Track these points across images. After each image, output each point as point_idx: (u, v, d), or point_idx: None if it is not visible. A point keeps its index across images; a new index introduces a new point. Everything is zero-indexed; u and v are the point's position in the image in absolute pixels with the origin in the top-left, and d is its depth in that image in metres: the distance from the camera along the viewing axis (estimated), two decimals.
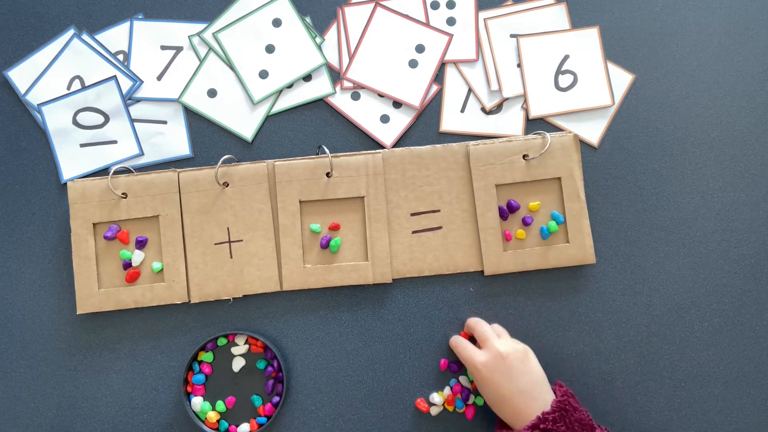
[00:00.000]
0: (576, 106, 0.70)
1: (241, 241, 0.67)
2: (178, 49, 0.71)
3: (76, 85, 0.70)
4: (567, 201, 0.67)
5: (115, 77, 0.70)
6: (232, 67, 0.71)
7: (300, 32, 0.71)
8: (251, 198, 0.67)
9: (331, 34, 0.72)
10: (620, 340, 0.67)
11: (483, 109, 0.71)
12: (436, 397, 0.65)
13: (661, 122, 0.70)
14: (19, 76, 0.71)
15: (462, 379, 0.67)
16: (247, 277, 0.66)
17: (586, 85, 0.70)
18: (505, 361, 0.58)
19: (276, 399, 0.65)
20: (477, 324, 0.64)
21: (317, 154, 0.69)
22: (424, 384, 0.67)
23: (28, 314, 0.68)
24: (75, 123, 0.70)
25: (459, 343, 0.64)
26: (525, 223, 0.67)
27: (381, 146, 0.70)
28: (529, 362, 0.59)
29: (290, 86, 0.71)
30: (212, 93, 0.71)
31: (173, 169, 0.68)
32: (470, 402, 0.66)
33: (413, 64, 0.71)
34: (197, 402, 0.64)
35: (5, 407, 0.67)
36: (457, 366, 0.66)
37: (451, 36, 0.71)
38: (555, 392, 0.59)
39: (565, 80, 0.71)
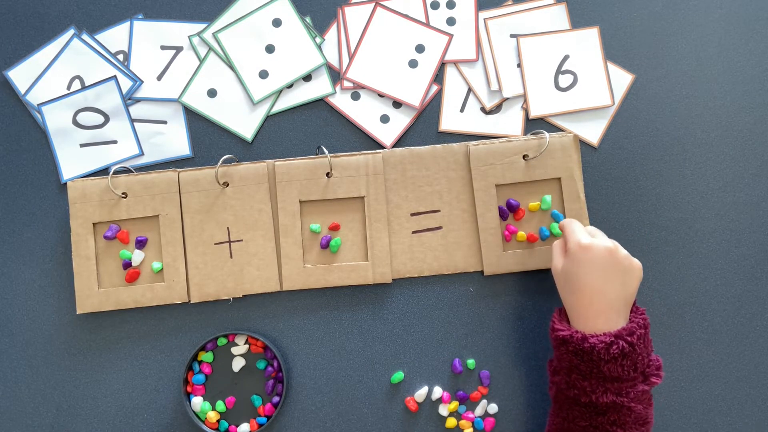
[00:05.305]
0: (576, 106, 0.70)
1: (241, 241, 0.67)
2: (178, 49, 0.71)
3: (76, 85, 0.70)
4: (567, 201, 0.67)
5: (115, 77, 0.70)
6: (232, 67, 0.71)
7: (300, 32, 0.71)
8: (251, 198, 0.67)
9: (331, 34, 0.72)
10: None
11: (483, 109, 0.71)
12: (444, 410, 0.66)
13: (661, 122, 0.70)
14: (19, 76, 0.71)
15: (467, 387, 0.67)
16: (247, 277, 0.66)
17: (586, 85, 0.70)
18: (614, 257, 0.55)
19: (276, 399, 0.65)
20: (574, 222, 0.60)
21: (317, 154, 0.69)
22: (424, 384, 0.67)
23: (28, 314, 0.68)
24: (75, 123, 0.70)
25: (571, 221, 0.60)
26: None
27: (381, 146, 0.70)
28: (634, 278, 0.56)
29: (290, 86, 0.71)
30: (212, 93, 0.71)
31: (173, 169, 0.68)
32: (478, 414, 0.66)
33: (413, 64, 0.71)
34: (197, 402, 0.64)
35: (5, 407, 0.67)
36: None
37: (451, 36, 0.71)
38: (630, 316, 0.56)
39: (565, 80, 0.71)
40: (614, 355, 0.52)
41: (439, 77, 0.71)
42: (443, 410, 0.66)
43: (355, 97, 0.71)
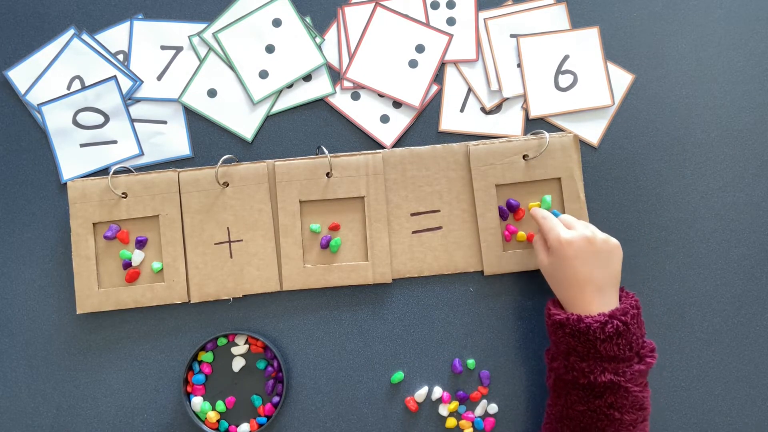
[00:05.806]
0: (576, 106, 0.70)
1: (241, 241, 0.67)
2: (178, 49, 0.71)
3: (76, 85, 0.70)
4: (567, 201, 0.67)
5: (115, 77, 0.70)
6: (232, 67, 0.71)
7: (300, 32, 0.71)
8: (251, 198, 0.67)
9: (331, 34, 0.72)
10: None
11: (483, 109, 0.71)
12: (444, 410, 0.66)
13: (661, 122, 0.70)
14: (19, 76, 0.71)
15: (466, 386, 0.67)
16: (247, 277, 0.66)
17: (586, 85, 0.70)
18: (593, 245, 0.57)
19: (276, 399, 0.65)
20: (548, 216, 0.61)
21: (317, 154, 0.69)
22: (424, 384, 0.67)
23: (28, 314, 0.68)
24: (75, 123, 0.70)
25: (545, 214, 0.62)
26: None
27: (381, 146, 0.70)
28: (615, 257, 0.58)
29: (290, 86, 0.71)
30: (212, 93, 0.71)
31: (173, 169, 0.68)
32: (478, 414, 0.66)
33: (413, 64, 0.71)
34: (197, 402, 0.64)
35: (5, 407, 0.67)
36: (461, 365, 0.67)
37: (451, 36, 0.71)
38: (620, 297, 0.58)
39: (565, 80, 0.71)
40: (609, 333, 0.53)
41: (439, 77, 0.71)
42: (443, 410, 0.66)
43: (355, 97, 0.71)
